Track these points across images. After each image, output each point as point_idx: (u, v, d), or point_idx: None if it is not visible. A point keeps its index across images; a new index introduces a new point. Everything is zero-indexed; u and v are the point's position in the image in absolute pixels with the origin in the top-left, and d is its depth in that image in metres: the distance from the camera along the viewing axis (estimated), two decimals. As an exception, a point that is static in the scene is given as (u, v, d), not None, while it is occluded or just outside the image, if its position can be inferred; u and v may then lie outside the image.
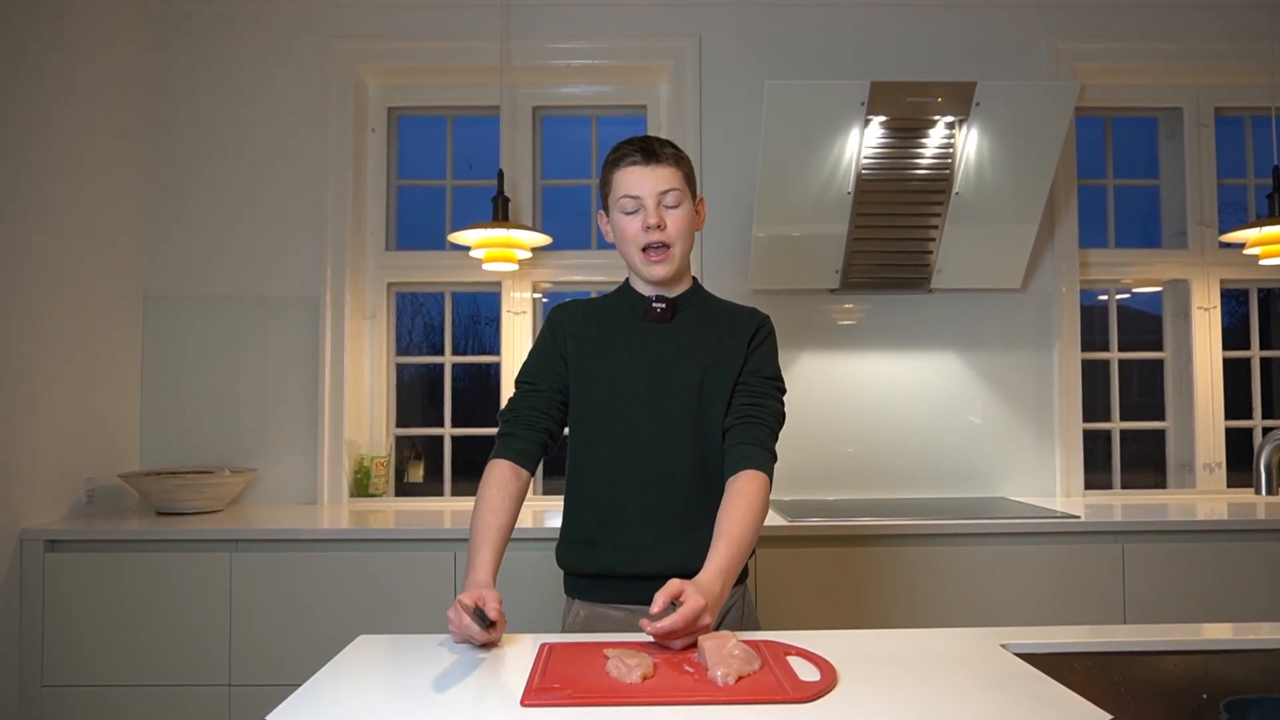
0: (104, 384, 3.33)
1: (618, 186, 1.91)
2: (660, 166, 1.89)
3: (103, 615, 2.88)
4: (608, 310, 2.02)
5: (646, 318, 1.97)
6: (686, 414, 1.90)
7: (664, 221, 1.88)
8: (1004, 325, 3.63)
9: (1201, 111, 3.79)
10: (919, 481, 3.59)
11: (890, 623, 2.90)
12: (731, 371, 1.92)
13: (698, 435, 1.90)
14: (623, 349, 1.95)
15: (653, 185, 1.88)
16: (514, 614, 2.53)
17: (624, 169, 1.90)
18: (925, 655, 1.52)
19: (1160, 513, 3.18)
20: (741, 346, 1.94)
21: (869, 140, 3.22)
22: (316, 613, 2.88)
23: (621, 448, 1.91)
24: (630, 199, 1.89)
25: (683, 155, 1.94)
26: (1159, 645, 1.61)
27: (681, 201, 1.90)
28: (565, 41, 3.65)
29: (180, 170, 3.60)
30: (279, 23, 3.63)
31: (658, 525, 1.89)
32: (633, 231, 1.90)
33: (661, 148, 1.90)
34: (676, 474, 1.89)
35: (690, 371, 1.91)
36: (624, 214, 1.91)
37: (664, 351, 1.94)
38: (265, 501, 3.55)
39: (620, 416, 1.92)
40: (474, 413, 3.82)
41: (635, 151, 1.90)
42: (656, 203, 1.88)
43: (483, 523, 1.86)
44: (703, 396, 1.91)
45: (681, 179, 1.91)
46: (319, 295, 3.57)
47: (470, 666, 1.49)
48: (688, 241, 1.93)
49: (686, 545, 1.84)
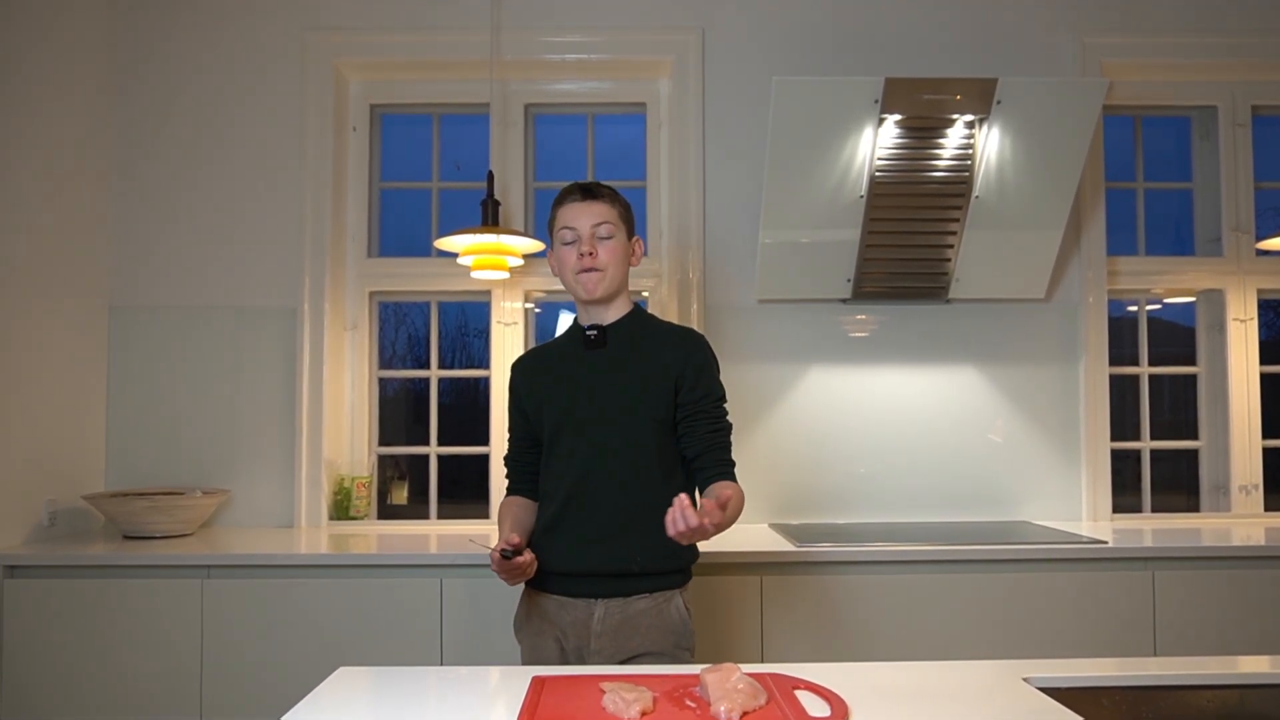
0: (67, 399, 3.34)
1: (559, 220, 2.30)
2: (596, 203, 2.28)
3: (66, 645, 2.89)
4: (553, 350, 2.42)
5: (584, 346, 2.32)
6: (615, 431, 2.22)
7: (596, 250, 2.25)
8: (1027, 338, 3.65)
9: (1237, 110, 3.82)
10: (936, 504, 3.60)
11: (904, 654, 2.91)
12: (661, 390, 2.24)
13: (627, 449, 2.22)
14: (564, 380, 2.31)
15: (588, 218, 2.26)
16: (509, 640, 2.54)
17: (566, 205, 2.30)
18: (942, 689, 1.54)
19: (1193, 538, 3.19)
20: (672, 368, 2.25)
21: (883, 140, 3.24)
22: (294, 643, 2.89)
23: (564, 465, 2.26)
24: (569, 230, 2.27)
25: (619, 198, 2.34)
26: (1192, 679, 1.62)
27: (614, 234, 2.27)
28: (560, 34, 3.67)
29: (148, 172, 3.62)
30: (252, 14, 3.66)
31: (595, 527, 2.21)
32: (571, 260, 2.27)
33: (599, 188, 2.31)
34: (610, 482, 2.21)
35: (620, 392, 2.24)
36: (563, 244, 2.29)
37: (596, 376, 2.28)
38: (239, 525, 3.56)
39: (562, 438, 2.27)
40: (461, 430, 3.83)
41: (576, 190, 2.30)
42: (591, 233, 2.26)
43: (499, 521, 2.37)
44: (631, 414, 2.23)
45: (616, 215, 2.29)
46: (296, 305, 3.59)
47: (458, 701, 1.51)
48: (620, 269, 2.29)
49: (617, 545, 2.19)
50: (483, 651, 2.87)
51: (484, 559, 2.93)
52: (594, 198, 2.29)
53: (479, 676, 1.68)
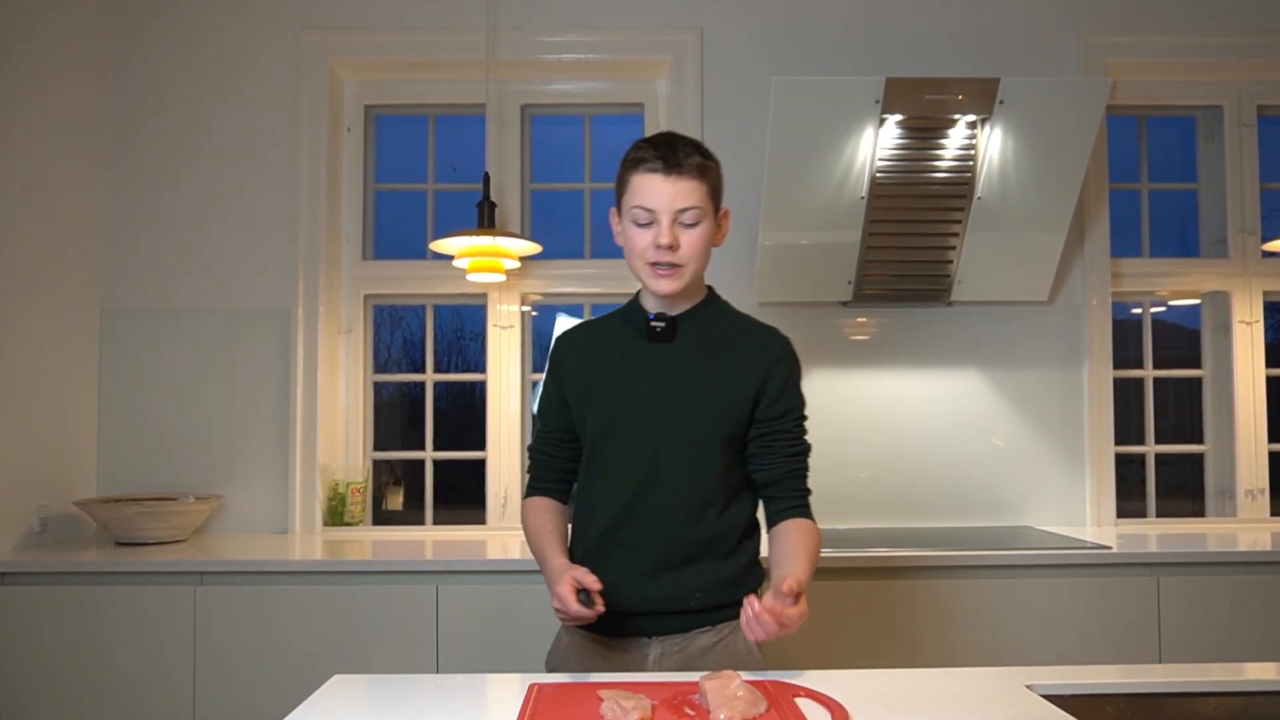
0: (58, 404, 3.35)
1: (632, 193, 1.88)
2: (681, 179, 1.84)
3: (57, 653, 2.89)
4: (611, 331, 2.04)
5: (647, 337, 1.97)
6: (680, 445, 1.90)
7: (677, 241, 1.85)
8: (1030, 341, 3.65)
9: (1243, 110, 3.82)
10: (938, 509, 3.61)
11: (906, 662, 2.91)
12: (739, 401, 1.91)
13: (692, 468, 1.91)
14: (618, 373, 1.96)
15: (670, 200, 1.84)
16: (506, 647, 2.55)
17: (641, 175, 1.86)
18: (944, 697, 1.54)
19: (1198, 543, 3.20)
20: (754, 376, 1.92)
21: (884, 141, 3.24)
22: (288, 651, 2.89)
23: (615, 477, 1.93)
24: (644, 210, 1.86)
25: (710, 165, 1.90)
26: (1197, 686, 1.63)
27: (701, 220, 1.87)
28: (557, 34, 3.68)
29: (141, 174, 3.62)
30: (246, 13, 3.66)
31: (648, 559, 1.91)
32: (642, 245, 1.87)
33: (687, 157, 1.85)
34: (670, 506, 1.90)
35: (689, 397, 1.91)
36: (635, 224, 1.88)
37: (661, 375, 1.94)
38: (232, 531, 3.56)
39: (614, 445, 1.94)
40: (457, 435, 3.83)
41: (656, 158, 1.85)
42: (672, 219, 1.85)
43: (538, 533, 1.96)
44: (701, 426, 1.91)
45: (705, 194, 1.87)
46: (290, 308, 3.59)
47: (454, 709, 1.51)
48: (701, 261, 1.91)
49: (676, 580, 1.90)
50: (479, 659, 2.87)
51: (482, 565, 2.94)
52: (679, 172, 1.84)
53: (475, 684, 1.68)
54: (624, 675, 1.71)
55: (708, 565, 1.90)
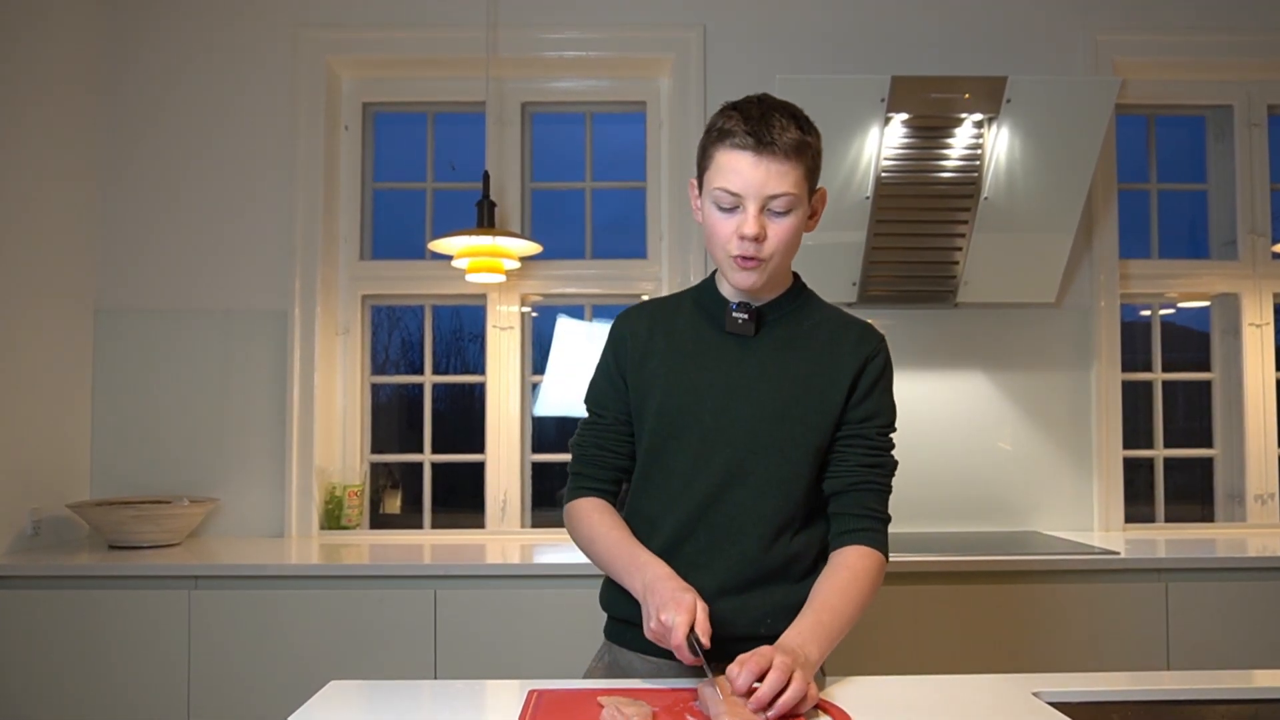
0: (51, 405, 3.35)
1: (716, 171, 1.67)
2: (775, 160, 1.62)
3: (49, 658, 2.89)
4: (681, 314, 1.85)
5: (726, 328, 1.78)
6: (761, 450, 1.72)
7: (764, 231, 1.65)
8: (1037, 343, 3.66)
9: (1253, 109, 3.83)
10: (943, 514, 3.61)
11: (911, 668, 2.91)
12: (828, 404, 1.73)
13: (772, 475, 1.72)
14: (690, 365, 1.77)
15: (760, 185, 1.63)
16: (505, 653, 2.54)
17: (727, 151, 1.65)
18: (950, 704, 1.54)
19: (1208, 549, 3.20)
20: (845, 376, 1.74)
21: (889, 140, 3.25)
22: (283, 656, 2.90)
23: (680, 484, 1.75)
24: (727, 194, 1.65)
25: (808, 141, 1.68)
26: (1206, 694, 1.63)
27: (793, 207, 1.66)
28: (557, 31, 3.68)
29: (135, 171, 3.62)
30: (243, 10, 3.66)
31: (715, 579, 1.70)
32: (725, 233, 1.68)
33: (782, 133, 1.63)
34: (741, 519, 1.72)
35: (772, 399, 1.73)
36: (718, 208, 1.68)
37: (741, 371, 1.75)
38: (227, 534, 3.56)
39: (681, 447, 1.75)
40: (456, 438, 3.84)
41: (745, 133, 1.63)
42: (760, 206, 1.64)
43: (611, 536, 1.76)
44: (786, 431, 1.72)
45: (799, 178, 1.65)
46: (287, 309, 3.59)
47: (452, 715, 1.51)
48: (790, 254, 1.72)
49: (745, 604, 1.71)
50: (478, 665, 2.87)
51: (481, 570, 2.94)
52: (773, 153, 1.62)
53: (474, 690, 1.68)
54: (624, 681, 1.71)
55: (780, 588, 1.72)
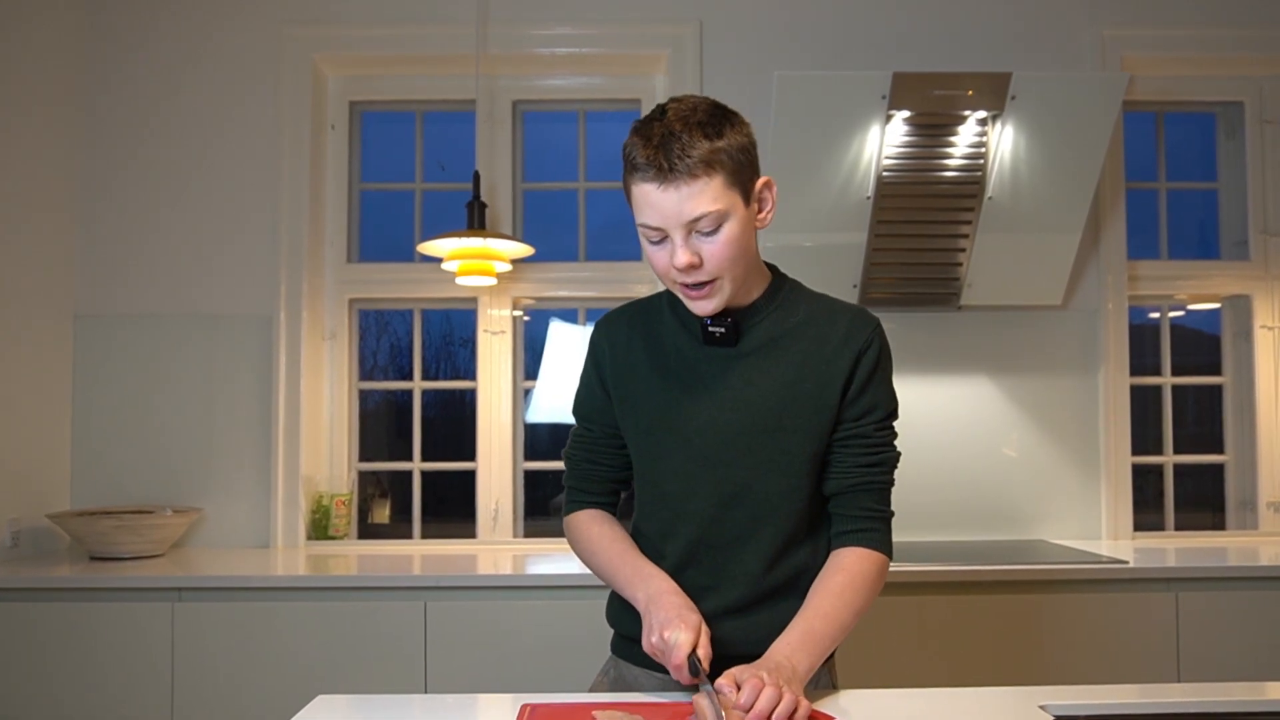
0: (30, 413, 3.35)
1: (635, 205, 1.61)
2: (683, 184, 1.54)
3: (29, 673, 2.89)
4: (660, 323, 1.79)
5: (705, 341, 1.72)
6: (755, 466, 1.68)
7: (698, 256, 1.57)
8: (1043, 346, 3.66)
9: (1265, 106, 3.83)
10: (947, 522, 3.61)
11: (915, 680, 2.91)
12: (822, 406, 1.68)
13: (770, 492, 1.69)
14: (673, 383, 1.73)
15: (675, 213, 1.55)
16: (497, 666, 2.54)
17: (638, 185, 1.58)
18: (955, 717, 1.54)
19: (1218, 557, 3.20)
20: (838, 373, 1.69)
21: (891, 138, 3.25)
22: (270, 670, 2.89)
23: (675, 508, 1.73)
24: (649, 229, 1.60)
25: (719, 147, 1.56)
26: (1217, 706, 1.63)
27: (722, 221, 1.57)
28: (549, 27, 3.68)
29: (115, 172, 3.62)
30: (227, 8, 3.67)
31: (719, 602, 1.70)
32: (662, 265, 1.61)
33: (684, 154, 1.53)
34: (742, 540, 1.70)
35: (762, 411, 1.68)
36: (649, 243, 1.62)
37: (725, 384, 1.70)
38: (212, 545, 3.56)
39: (669, 469, 1.73)
40: (446, 445, 3.83)
41: (646, 163, 1.55)
42: (686, 233, 1.57)
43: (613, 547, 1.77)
44: (778, 443, 1.68)
45: (719, 189, 1.56)
46: (272, 313, 3.59)
47: (444, 730, 1.51)
48: (742, 262, 1.64)
49: (751, 623, 1.70)
50: (469, 678, 2.87)
51: (473, 581, 2.94)
52: (677, 178, 1.53)
53: (465, 705, 1.68)
54: (620, 696, 1.71)
55: (787, 603, 1.68)
